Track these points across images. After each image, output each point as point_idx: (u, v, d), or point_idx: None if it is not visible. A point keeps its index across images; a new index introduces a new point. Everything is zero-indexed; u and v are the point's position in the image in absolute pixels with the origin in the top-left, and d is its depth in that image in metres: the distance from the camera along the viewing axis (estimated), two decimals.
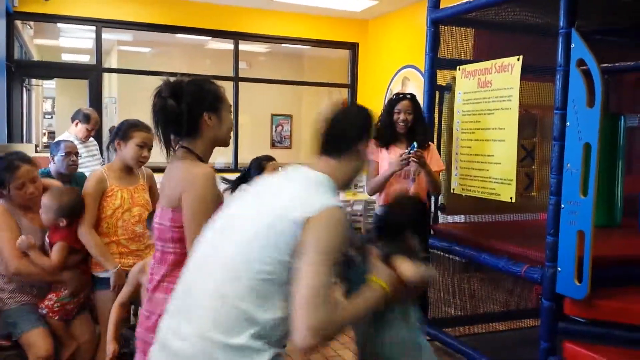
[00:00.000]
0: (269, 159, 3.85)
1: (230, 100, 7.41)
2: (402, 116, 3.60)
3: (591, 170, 2.71)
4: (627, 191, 3.91)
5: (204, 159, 1.98)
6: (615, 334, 2.81)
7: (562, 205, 2.84)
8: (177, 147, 1.97)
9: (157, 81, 1.96)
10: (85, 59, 10.35)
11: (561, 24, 2.89)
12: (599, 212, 2.86)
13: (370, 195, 3.74)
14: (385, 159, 3.61)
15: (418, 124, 3.66)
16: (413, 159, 3.45)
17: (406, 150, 3.49)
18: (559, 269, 2.87)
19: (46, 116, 14.86)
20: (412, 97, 3.71)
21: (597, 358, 2.73)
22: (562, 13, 2.88)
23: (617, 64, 4.31)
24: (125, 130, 3.00)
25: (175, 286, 1.72)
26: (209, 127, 1.95)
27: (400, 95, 3.71)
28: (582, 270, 2.74)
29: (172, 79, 1.94)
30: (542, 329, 3.01)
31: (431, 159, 3.63)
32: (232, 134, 2.10)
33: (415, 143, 3.52)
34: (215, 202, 1.87)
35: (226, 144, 2.09)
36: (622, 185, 3.87)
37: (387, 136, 3.66)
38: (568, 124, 2.82)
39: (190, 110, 1.90)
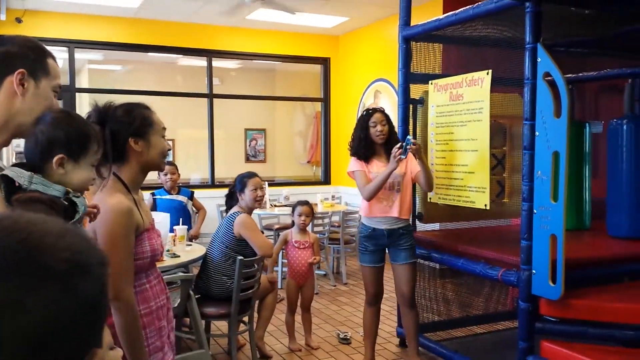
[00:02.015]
0: (251, 175, 3.96)
1: (205, 117, 7.40)
2: (378, 127, 3.69)
3: (560, 177, 2.86)
4: (594, 195, 4.09)
5: (132, 185, 1.93)
6: (589, 332, 2.95)
7: (535, 211, 2.99)
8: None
9: (128, 100, 1.96)
10: None
11: (527, 39, 3.05)
12: (568, 216, 3.02)
13: (369, 200, 3.70)
14: (371, 173, 3.70)
15: (392, 135, 3.78)
16: (411, 148, 3.51)
17: (402, 143, 3.53)
18: (533, 271, 3.01)
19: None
20: (382, 110, 3.84)
21: (573, 355, 2.86)
22: (528, 29, 3.04)
23: (580, 74, 4.51)
24: None
25: None
26: (135, 152, 1.90)
27: (371, 110, 3.80)
28: (555, 272, 2.88)
29: (102, 104, 1.87)
30: (520, 329, 3.14)
31: (410, 161, 3.73)
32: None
33: (409, 136, 3.61)
34: (127, 234, 1.84)
35: (159, 168, 2.03)
36: (590, 189, 4.05)
37: (366, 151, 3.73)
38: (537, 133, 2.97)
39: (114, 136, 1.83)
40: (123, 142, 1.88)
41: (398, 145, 3.53)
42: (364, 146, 3.74)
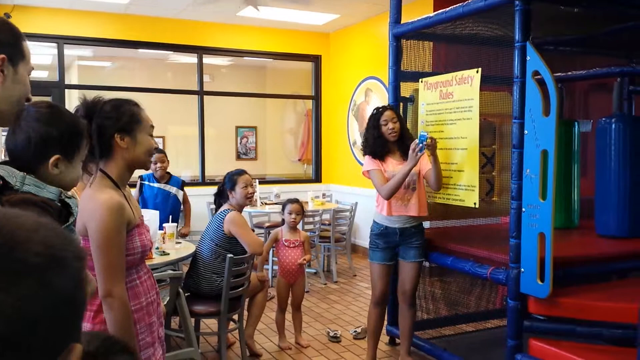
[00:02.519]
0: (241, 172, 3.95)
1: (195, 114, 7.35)
2: (390, 125, 3.66)
3: (549, 175, 2.87)
4: (583, 194, 4.11)
5: (119, 181, 1.92)
6: (577, 330, 2.97)
7: (523, 209, 3.00)
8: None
9: (118, 96, 1.96)
10: (43, 75, 10.21)
11: (516, 37, 3.06)
12: (557, 215, 3.03)
13: (387, 199, 3.64)
14: (386, 172, 3.67)
15: (404, 131, 3.77)
16: (430, 145, 3.50)
17: (416, 140, 3.52)
18: (522, 269, 3.02)
19: (3, 133, 14.58)
20: (392, 107, 3.83)
21: (561, 353, 2.88)
22: (517, 28, 3.05)
23: (569, 73, 4.51)
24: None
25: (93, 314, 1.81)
26: (121, 148, 1.88)
27: (381, 108, 3.77)
28: (544, 271, 2.89)
29: (90, 98, 1.87)
30: (509, 327, 3.16)
31: (422, 159, 3.68)
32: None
33: (423, 132, 3.58)
34: (119, 230, 1.83)
35: (145, 167, 2.02)
36: (579, 188, 4.06)
37: (381, 149, 3.70)
38: (526, 132, 2.98)
39: (99, 130, 1.83)
40: (109, 138, 1.87)
41: (416, 140, 3.53)
42: (379, 144, 3.70)
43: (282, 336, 4.38)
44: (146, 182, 5.34)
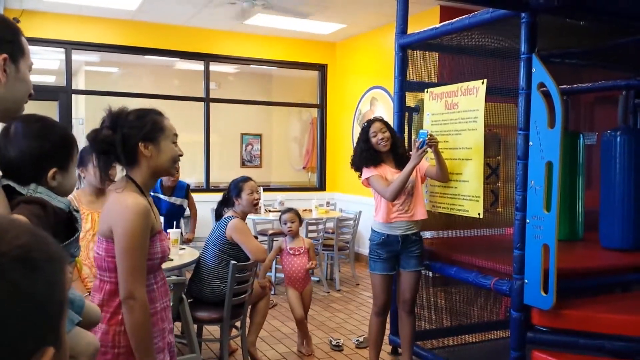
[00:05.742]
0: (246, 179, 3.97)
1: (201, 121, 7.34)
2: (379, 135, 3.67)
3: (554, 187, 2.87)
4: (588, 206, 4.10)
5: (144, 188, 1.97)
6: (580, 342, 2.96)
7: (527, 221, 3.00)
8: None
9: (125, 102, 1.98)
10: (50, 79, 10.26)
11: (522, 49, 3.07)
12: (561, 227, 3.03)
13: (393, 200, 3.62)
14: (386, 180, 3.67)
15: (396, 140, 3.78)
16: (432, 142, 3.52)
17: (419, 138, 3.54)
18: (526, 281, 3.01)
19: None
20: (380, 119, 3.84)
21: None
22: (523, 39, 3.06)
23: (574, 85, 4.53)
24: (84, 155, 3.06)
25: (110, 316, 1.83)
26: (145, 156, 1.93)
27: (369, 122, 3.78)
28: (547, 282, 2.88)
29: (115, 109, 1.92)
30: (512, 339, 3.15)
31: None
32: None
33: (422, 130, 3.60)
34: (144, 234, 1.87)
35: (169, 174, 2.07)
36: (583, 200, 4.06)
37: (373, 160, 3.70)
38: (531, 143, 2.98)
39: (124, 140, 1.88)
40: (133, 146, 1.91)
41: (418, 138, 3.54)
42: (369, 156, 3.70)
43: (304, 339, 4.40)
44: (154, 194, 5.35)
